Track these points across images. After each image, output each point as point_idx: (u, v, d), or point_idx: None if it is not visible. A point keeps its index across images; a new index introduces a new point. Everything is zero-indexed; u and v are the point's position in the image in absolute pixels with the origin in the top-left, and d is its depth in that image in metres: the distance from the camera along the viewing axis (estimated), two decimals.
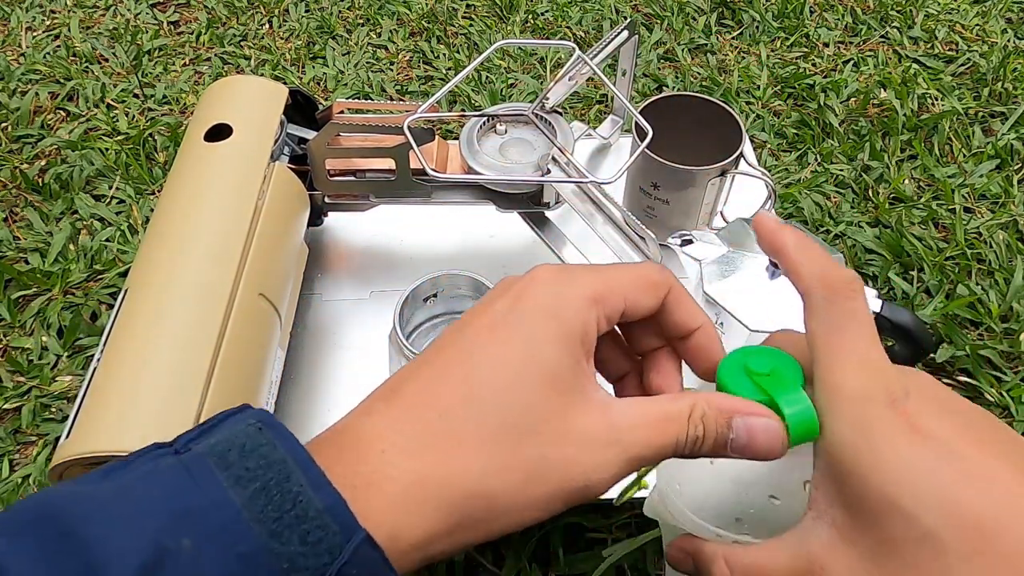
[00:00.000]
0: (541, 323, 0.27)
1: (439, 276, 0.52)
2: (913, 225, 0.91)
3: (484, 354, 0.26)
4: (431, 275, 0.51)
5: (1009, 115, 1.05)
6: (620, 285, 0.29)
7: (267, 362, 0.47)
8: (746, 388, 0.29)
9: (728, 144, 0.57)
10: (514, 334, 0.27)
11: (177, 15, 1.26)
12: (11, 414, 0.75)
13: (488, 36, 1.20)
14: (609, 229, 0.50)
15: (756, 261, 0.49)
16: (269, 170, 0.51)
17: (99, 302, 0.84)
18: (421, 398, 0.26)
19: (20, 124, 1.04)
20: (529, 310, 0.27)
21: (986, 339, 0.81)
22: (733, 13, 1.25)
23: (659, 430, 0.27)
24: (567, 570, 0.64)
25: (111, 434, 0.38)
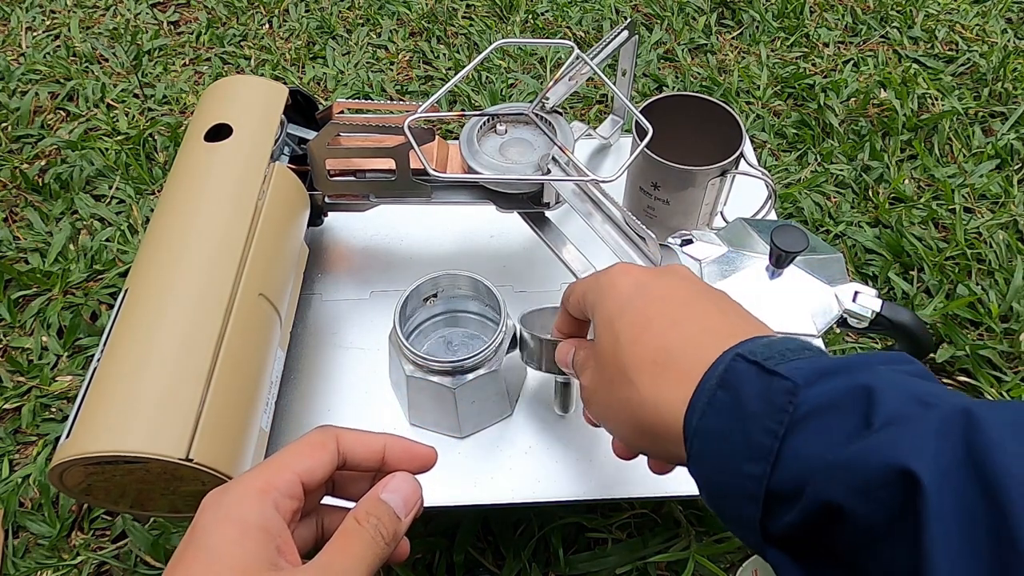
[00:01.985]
0: (217, 534, 0.29)
1: (439, 276, 0.52)
2: (913, 225, 0.91)
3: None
4: (431, 275, 0.51)
5: (1009, 115, 1.05)
6: (285, 464, 0.31)
7: (267, 362, 0.47)
8: None
9: (728, 144, 0.57)
10: (196, 557, 0.28)
11: (177, 15, 1.26)
12: (11, 414, 0.75)
13: (488, 36, 1.20)
14: (609, 229, 0.50)
15: (756, 261, 0.49)
16: (269, 170, 0.51)
17: (99, 302, 0.84)
18: None
19: (20, 124, 1.04)
20: (203, 529, 0.29)
21: (986, 339, 0.81)
22: (733, 13, 1.25)
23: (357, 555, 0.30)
24: (567, 570, 0.64)
25: (111, 434, 0.38)
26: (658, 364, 0.32)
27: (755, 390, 0.28)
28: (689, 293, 0.35)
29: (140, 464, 0.38)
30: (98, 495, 0.42)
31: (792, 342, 0.30)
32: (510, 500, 0.50)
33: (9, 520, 0.68)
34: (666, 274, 0.36)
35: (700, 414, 0.29)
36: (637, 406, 0.32)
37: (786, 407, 0.27)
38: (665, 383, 0.31)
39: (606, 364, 0.34)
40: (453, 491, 0.50)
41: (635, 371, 0.32)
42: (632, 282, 0.36)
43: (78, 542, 0.67)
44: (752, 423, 0.28)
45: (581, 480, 0.51)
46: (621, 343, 0.33)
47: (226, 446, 0.41)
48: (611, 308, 0.35)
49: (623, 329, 0.34)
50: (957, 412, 0.24)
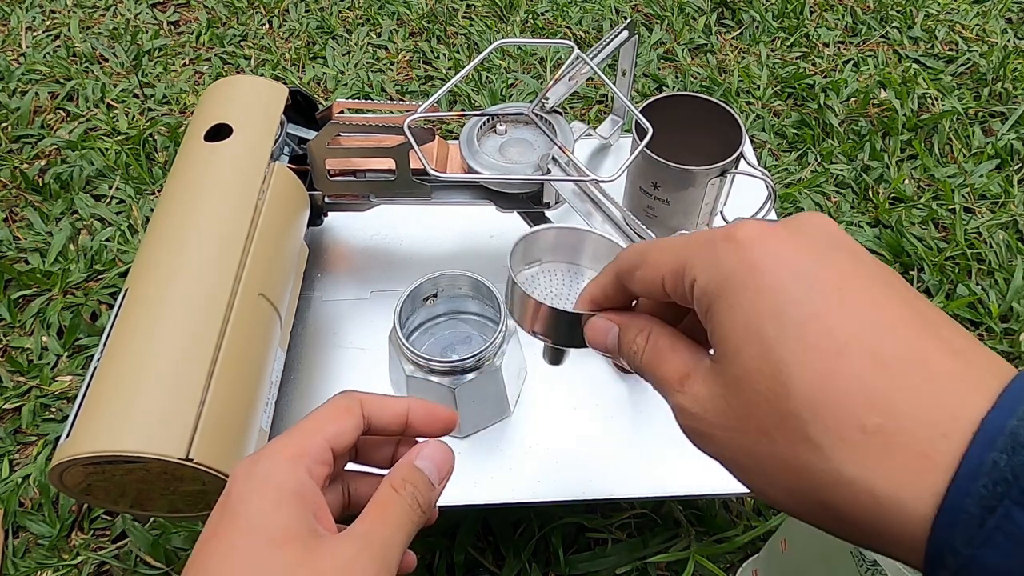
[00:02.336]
0: (254, 501, 0.28)
1: (439, 276, 0.52)
2: (913, 225, 0.91)
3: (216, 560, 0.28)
4: (431, 275, 0.51)
5: (1009, 115, 1.05)
6: (314, 429, 0.30)
7: (267, 362, 0.47)
8: None
9: (728, 144, 0.57)
10: (235, 524, 0.28)
11: (177, 15, 1.26)
12: (11, 414, 0.75)
13: (488, 36, 1.20)
14: (609, 229, 0.50)
15: None
16: (269, 170, 0.51)
17: (99, 302, 0.84)
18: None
19: (20, 124, 1.04)
20: (238, 497, 0.29)
21: (986, 339, 0.81)
22: (733, 13, 1.25)
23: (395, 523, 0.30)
24: (567, 570, 0.64)
25: (111, 434, 0.38)
26: (868, 432, 0.21)
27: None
28: (872, 283, 0.23)
29: (140, 464, 0.38)
30: (98, 495, 0.42)
31: None
32: (510, 500, 0.50)
33: (9, 520, 0.68)
34: (831, 246, 0.24)
35: (975, 540, 0.19)
36: (826, 483, 0.22)
37: None
38: (886, 465, 0.21)
39: (753, 403, 0.23)
40: (453, 491, 0.50)
41: (827, 434, 0.21)
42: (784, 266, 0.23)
43: (78, 542, 0.67)
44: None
45: (581, 480, 0.51)
46: (791, 380, 0.22)
47: (226, 446, 0.41)
48: (759, 314, 0.23)
49: (794, 354, 0.22)
50: None
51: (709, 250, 0.24)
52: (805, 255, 0.23)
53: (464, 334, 0.55)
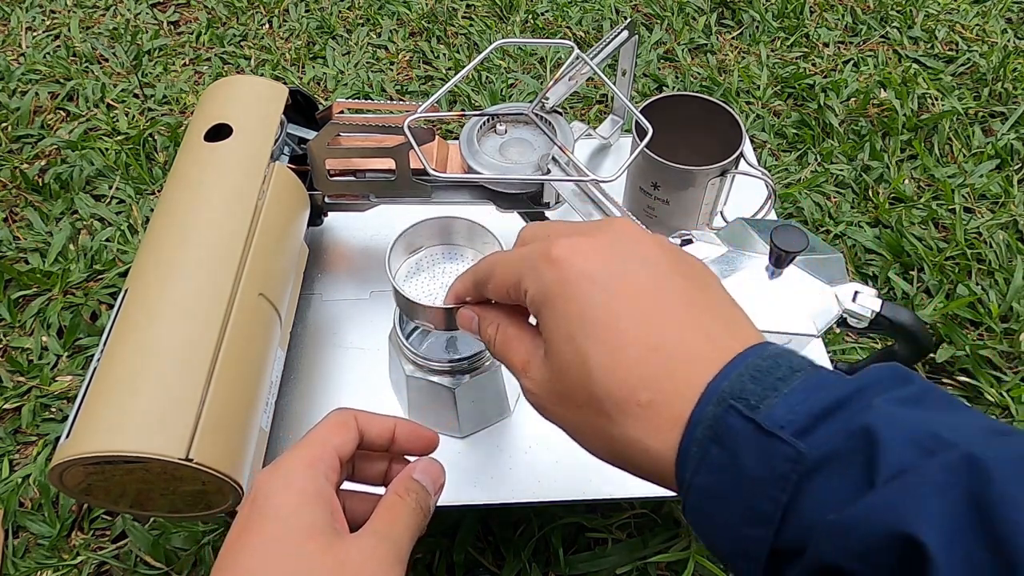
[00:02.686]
0: (281, 502, 0.32)
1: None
2: (913, 225, 0.91)
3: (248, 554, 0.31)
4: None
5: (1009, 115, 1.05)
6: (322, 440, 0.34)
7: (267, 362, 0.47)
8: None
9: (728, 144, 0.57)
10: (264, 524, 0.31)
11: (177, 15, 1.26)
12: (11, 414, 0.75)
13: (488, 36, 1.20)
14: None
15: (756, 261, 0.49)
16: (269, 170, 0.51)
17: (99, 302, 0.84)
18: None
19: (20, 124, 1.04)
20: (265, 499, 0.32)
21: (986, 339, 0.81)
22: (733, 13, 1.25)
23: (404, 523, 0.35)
24: (567, 570, 0.64)
25: (111, 434, 0.38)
26: (642, 405, 0.28)
27: (753, 453, 0.26)
28: (656, 286, 0.30)
29: (140, 464, 0.38)
30: (98, 495, 0.42)
31: (781, 363, 0.27)
32: (510, 500, 0.50)
33: (9, 520, 0.68)
34: (626, 256, 0.31)
35: (694, 469, 0.27)
36: (621, 444, 0.29)
37: (790, 475, 0.25)
38: (655, 427, 0.28)
39: (571, 387, 0.30)
40: (453, 491, 0.50)
41: (614, 407, 0.29)
42: (587, 278, 0.30)
43: (78, 542, 0.67)
44: (753, 488, 0.26)
45: (581, 480, 0.51)
46: (592, 370, 0.29)
47: (226, 446, 0.41)
48: (568, 318, 0.30)
49: (592, 351, 0.29)
50: (962, 462, 0.22)
51: (533, 268, 0.31)
52: (606, 267, 0.30)
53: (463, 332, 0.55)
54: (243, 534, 0.31)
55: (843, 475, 0.24)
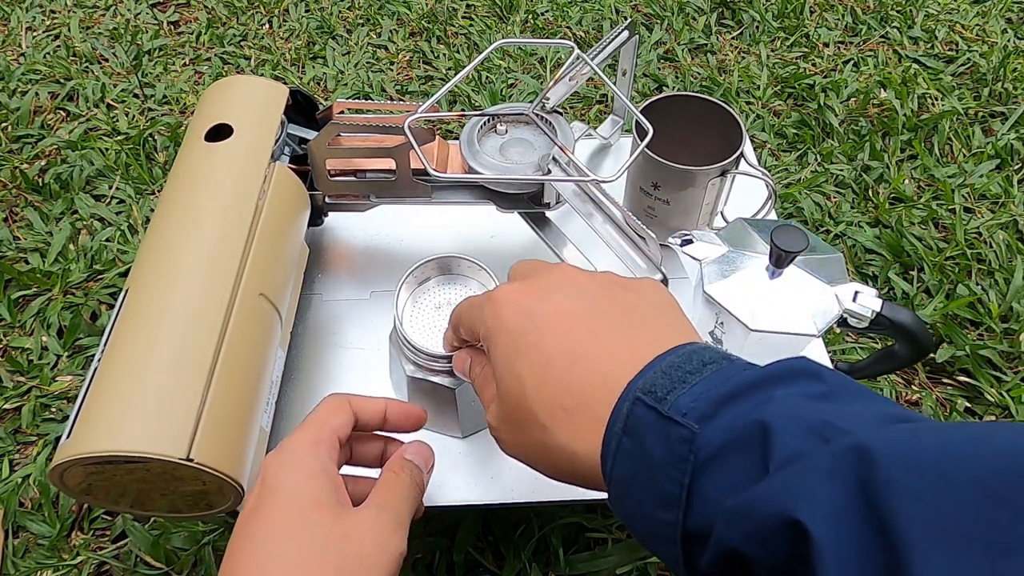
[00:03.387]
0: (287, 479, 0.35)
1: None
2: (913, 225, 0.91)
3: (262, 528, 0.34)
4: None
5: (1009, 115, 1.05)
6: (321, 422, 0.38)
7: (267, 362, 0.47)
8: None
9: (728, 144, 0.56)
10: (274, 499, 0.34)
11: (177, 15, 1.26)
12: (11, 414, 0.75)
13: (488, 36, 1.20)
14: (609, 229, 0.50)
15: (756, 261, 0.49)
16: (269, 170, 0.51)
17: (99, 302, 0.84)
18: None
19: (20, 124, 1.04)
20: (273, 478, 0.35)
21: (986, 339, 0.81)
22: (733, 13, 1.25)
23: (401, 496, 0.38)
24: (567, 570, 0.64)
25: (111, 434, 0.38)
26: (567, 410, 0.30)
27: (656, 438, 0.27)
28: (581, 309, 0.33)
29: (140, 464, 0.38)
30: (98, 495, 0.42)
31: (693, 359, 0.29)
32: (510, 500, 0.50)
33: (9, 520, 0.68)
34: (552, 289, 0.34)
35: (611, 462, 0.29)
36: (555, 453, 0.31)
37: (687, 456, 0.27)
38: (577, 430, 0.30)
39: (513, 408, 0.33)
40: (453, 491, 0.50)
41: (546, 417, 0.31)
42: (518, 312, 0.33)
43: (78, 542, 0.67)
44: (658, 472, 0.27)
45: None
46: (526, 388, 0.32)
47: (226, 446, 0.41)
48: (506, 348, 0.33)
49: (524, 372, 0.32)
50: (850, 449, 0.23)
51: (480, 312, 0.35)
52: (538, 302, 0.33)
53: None
54: (255, 512, 0.34)
55: (739, 461, 0.26)
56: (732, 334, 0.50)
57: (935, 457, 0.22)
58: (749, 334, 0.48)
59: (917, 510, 0.21)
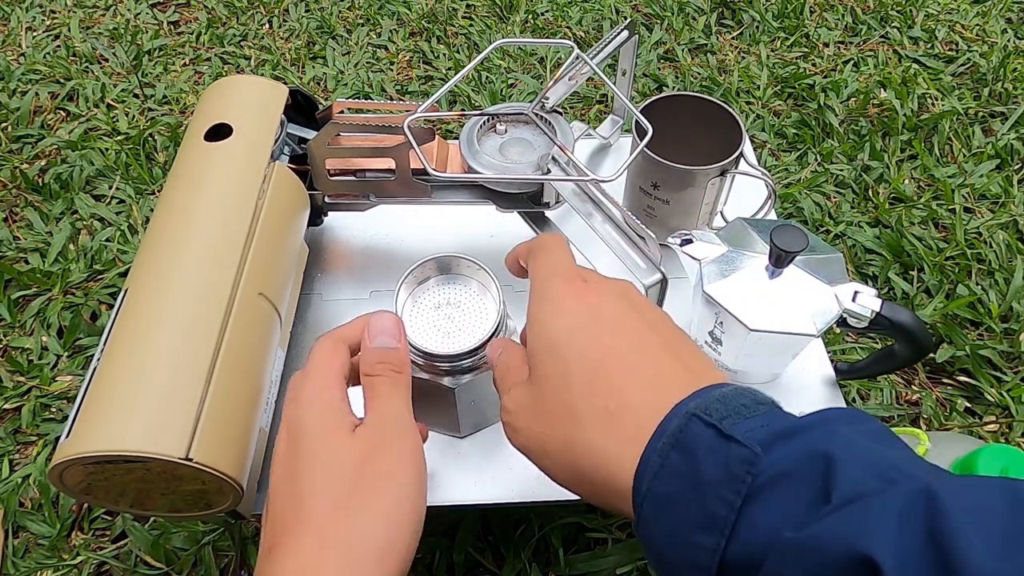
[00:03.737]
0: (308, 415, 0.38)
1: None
2: (913, 225, 0.91)
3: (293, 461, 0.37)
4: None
5: (1009, 115, 1.05)
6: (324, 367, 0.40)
7: (267, 362, 0.47)
8: None
9: (728, 144, 0.56)
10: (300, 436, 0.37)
11: (177, 15, 1.26)
12: (11, 414, 0.75)
13: (488, 36, 1.20)
14: (609, 229, 0.50)
15: (756, 261, 0.49)
16: (269, 170, 0.51)
17: (99, 302, 0.84)
18: None
19: (20, 124, 1.04)
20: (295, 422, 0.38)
21: (986, 339, 0.81)
22: (733, 13, 1.25)
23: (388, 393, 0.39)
24: (567, 570, 0.64)
25: (111, 434, 0.38)
26: (611, 413, 0.30)
27: (712, 456, 0.27)
28: (641, 324, 0.33)
29: (140, 464, 0.38)
30: (98, 495, 0.42)
31: (746, 395, 0.29)
32: (510, 500, 0.50)
33: (9, 520, 0.68)
34: (616, 296, 0.35)
35: (652, 476, 0.28)
36: (583, 452, 0.31)
37: (744, 477, 0.26)
38: (617, 435, 0.30)
39: (547, 394, 0.32)
40: (453, 491, 0.50)
41: (585, 414, 0.31)
42: (580, 304, 0.34)
43: (78, 542, 0.67)
44: (708, 491, 0.27)
45: None
46: (571, 378, 0.32)
47: (226, 446, 0.41)
48: (557, 328, 0.33)
49: (574, 361, 0.32)
50: (920, 492, 0.24)
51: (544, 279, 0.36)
52: (595, 296, 0.34)
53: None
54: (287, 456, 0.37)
55: (799, 490, 0.25)
56: (732, 334, 0.50)
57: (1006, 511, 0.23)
58: (749, 334, 0.48)
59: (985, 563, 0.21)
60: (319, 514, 0.34)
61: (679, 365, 0.32)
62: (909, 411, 0.76)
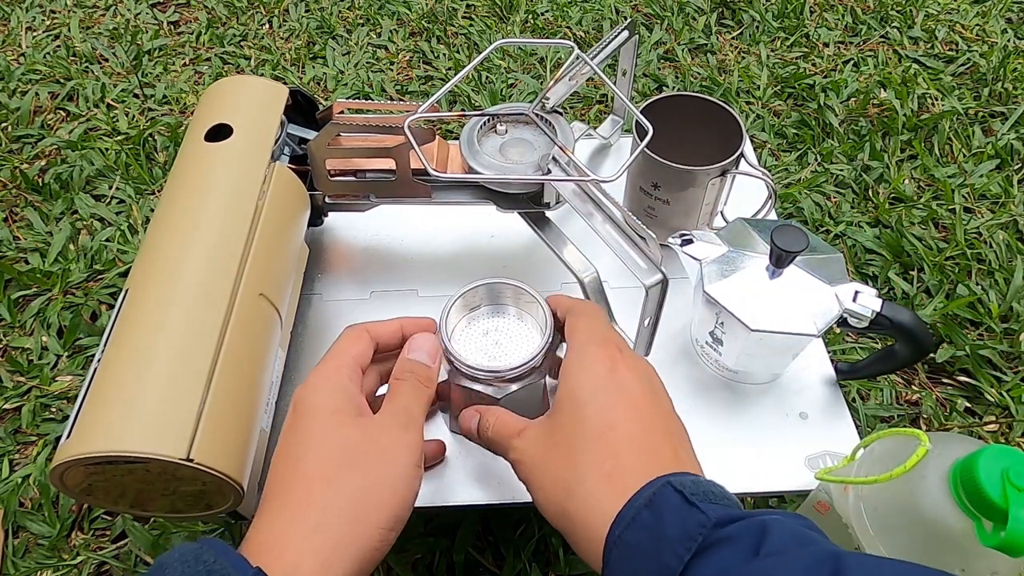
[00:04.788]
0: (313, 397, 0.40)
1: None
2: (913, 225, 0.91)
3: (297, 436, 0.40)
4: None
5: (1009, 115, 1.05)
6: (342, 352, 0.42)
7: (267, 362, 0.47)
8: (995, 488, 0.35)
9: (728, 144, 0.56)
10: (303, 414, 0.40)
11: (177, 15, 1.26)
12: (11, 414, 0.75)
13: (488, 36, 1.20)
14: (609, 229, 0.50)
15: (756, 261, 0.49)
16: (269, 170, 0.51)
17: (99, 302, 0.84)
18: None
19: (20, 124, 1.04)
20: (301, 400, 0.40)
21: (986, 339, 0.81)
22: (733, 13, 1.25)
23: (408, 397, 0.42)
24: (567, 570, 0.64)
25: (111, 434, 0.38)
26: (605, 472, 0.36)
27: (675, 517, 0.33)
28: (652, 410, 0.39)
29: (141, 464, 0.38)
30: (98, 495, 0.42)
31: (717, 487, 0.35)
32: (510, 500, 0.50)
33: (9, 520, 0.68)
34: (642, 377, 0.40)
35: (624, 527, 0.34)
36: (574, 495, 0.36)
37: (696, 536, 0.32)
38: (607, 490, 0.35)
39: (558, 437, 0.38)
40: (453, 491, 0.50)
41: (588, 465, 0.36)
42: (607, 360, 0.39)
43: (78, 542, 0.67)
44: (666, 545, 0.32)
45: None
46: (583, 430, 0.37)
47: (226, 446, 0.41)
48: (583, 386, 0.39)
49: (589, 417, 0.38)
50: (829, 554, 0.30)
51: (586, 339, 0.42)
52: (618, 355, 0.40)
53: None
54: (289, 430, 0.39)
55: (735, 549, 0.31)
56: (732, 334, 0.50)
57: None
58: (749, 334, 0.48)
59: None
60: (308, 481, 0.37)
61: (670, 451, 0.37)
62: (909, 411, 0.76)
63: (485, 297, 0.51)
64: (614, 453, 0.36)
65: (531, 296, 0.49)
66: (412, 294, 0.60)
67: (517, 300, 0.51)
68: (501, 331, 0.50)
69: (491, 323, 0.51)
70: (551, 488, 0.37)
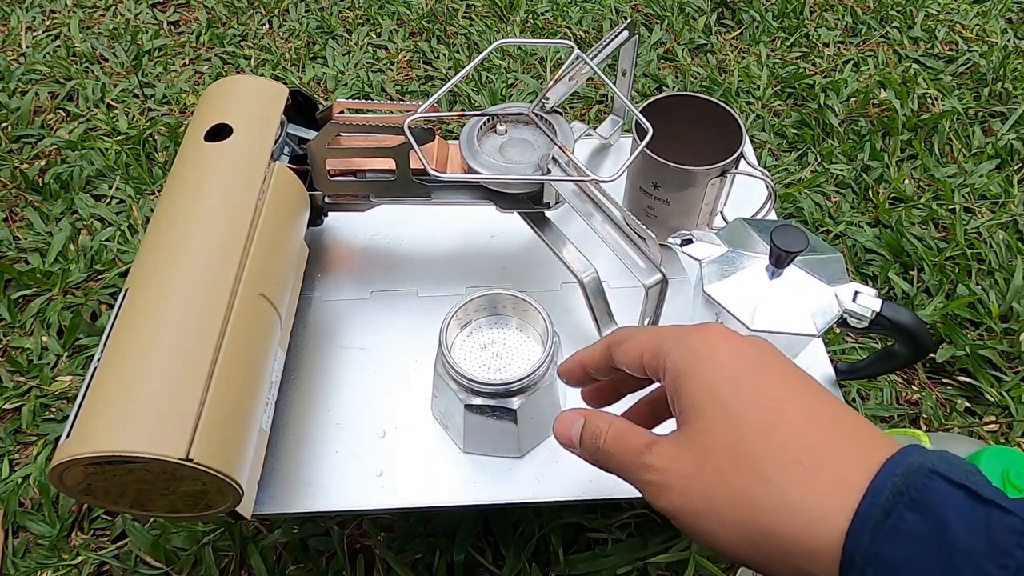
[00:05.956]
0: None
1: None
2: (913, 225, 0.91)
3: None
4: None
5: (1009, 115, 1.05)
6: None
7: (267, 362, 0.47)
8: None
9: (728, 144, 0.56)
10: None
11: (177, 15, 1.26)
12: (11, 414, 0.75)
13: (488, 36, 1.20)
14: (609, 229, 0.50)
15: (756, 261, 0.49)
16: (269, 170, 0.51)
17: (99, 302, 0.84)
18: None
19: (20, 124, 1.04)
20: None
21: (986, 339, 0.81)
22: (733, 13, 1.25)
23: None
24: (567, 570, 0.64)
25: (111, 434, 0.38)
26: (804, 465, 0.28)
27: (964, 522, 0.24)
28: (789, 365, 0.31)
29: (140, 464, 0.38)
30: (98, 495, 0.42)
31: (960, 459, 0.27)
32: (510, 500, 0.50)
33: (9, 520, 0.68)
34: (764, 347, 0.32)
35: (877, 537, 0.25)
36: (772, 509, 0.28)
37: (1013, 550, 0.23)
38: (813, 491, 0.27)
39: (710, 447, 0.30)
40: (453, 491, 0.50)
41: (772, 467, 0.28)
42: (735, 351, 0.31)
43: (78, 542, 0.67)
44: (965, 562, 0.24)
45: (581, 480, 0.51)
46: (747, 428, 0.29)
47: (226, 446, 0.41)
48: (717, 379, 0.30)
49: (747, 411, 0.29)
50: None
51: (681, 334, 0.32)
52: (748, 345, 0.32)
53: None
54: None
55: None
56: None
57: None
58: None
59: None
60: None
61: (862, 422, 0.29)
62: (909, 411, 0.76)
63: (485, 308, 0.51)
64: (803, 443, 0.28)
65: (531, 306, 0.49)
66: (412, 294, 0.60)
67: (518, 311, 0.51)
68: (500, 343, 0.50)
69: (491, 335, 0.51)
70: (729, 508, 0.29)
